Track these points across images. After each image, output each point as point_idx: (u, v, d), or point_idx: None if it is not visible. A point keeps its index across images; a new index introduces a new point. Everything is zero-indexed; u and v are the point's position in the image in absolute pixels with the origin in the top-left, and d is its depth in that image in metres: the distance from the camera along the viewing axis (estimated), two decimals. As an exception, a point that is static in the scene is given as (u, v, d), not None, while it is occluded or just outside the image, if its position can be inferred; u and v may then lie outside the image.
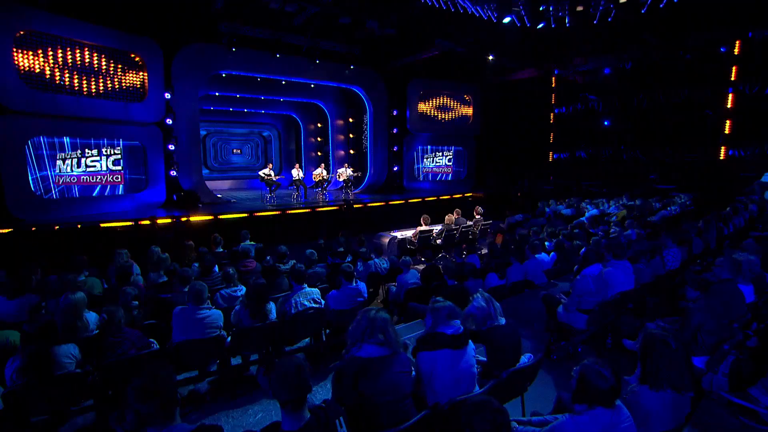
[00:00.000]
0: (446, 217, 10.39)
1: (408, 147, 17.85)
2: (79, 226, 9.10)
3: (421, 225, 9.55)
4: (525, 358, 3.14)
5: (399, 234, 9.53)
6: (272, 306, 4.12)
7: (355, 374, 2.37)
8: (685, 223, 7.98)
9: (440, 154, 18.67)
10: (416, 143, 18.11)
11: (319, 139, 20.81)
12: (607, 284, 4.27)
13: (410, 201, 14.92)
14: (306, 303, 4.29)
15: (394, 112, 17.12)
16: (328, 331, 4.46)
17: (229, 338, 3.86)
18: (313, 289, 4.40)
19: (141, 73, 11.41)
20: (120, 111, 10.98)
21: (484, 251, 8.84)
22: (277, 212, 11.83)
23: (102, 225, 9.40)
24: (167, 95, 11.88)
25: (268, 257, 6.74)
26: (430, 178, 18.57)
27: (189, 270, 4.74)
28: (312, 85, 16.88)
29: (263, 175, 13.33)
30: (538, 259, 6.34)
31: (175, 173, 12.27)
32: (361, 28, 12.18)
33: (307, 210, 12.38)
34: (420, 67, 16.19)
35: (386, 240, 9.17)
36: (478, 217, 11.00)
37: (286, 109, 20.03)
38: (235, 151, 22.07)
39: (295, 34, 12.76)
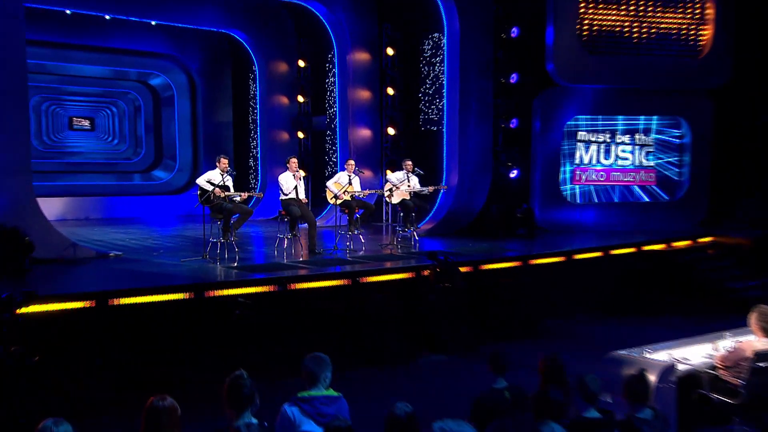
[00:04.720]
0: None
1: (546, 119, 16.50)
2: None
3: (755, 335, 7.76)
4: None
5: (670, 356, 8.05)
6: None
7: None
8: None
9: (626, 137, 17.35)
10: (568, 110, 16.75)
11: (300, 99, 20.26)
12: None
13: (576, 257, 14.23)
14: None
15: (513, 33, 15.85)
16: None
17: None
18: None
19: None
20: None
21: None
22: (267, 288, 10.81)
23: None
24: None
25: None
26: (601, 198, 17.57)
27: None
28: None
29: (204, 186, 12.58)
30: None
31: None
32: None
33: (340, 281, 11.56)
34: None
35: (652, 376, 7.81)
36: None
37: (216, 20, 19.57)
38: (76, 122, 21.78)
39: None
